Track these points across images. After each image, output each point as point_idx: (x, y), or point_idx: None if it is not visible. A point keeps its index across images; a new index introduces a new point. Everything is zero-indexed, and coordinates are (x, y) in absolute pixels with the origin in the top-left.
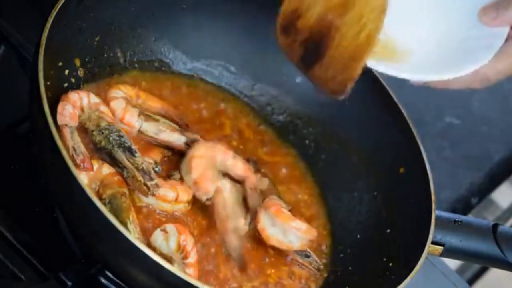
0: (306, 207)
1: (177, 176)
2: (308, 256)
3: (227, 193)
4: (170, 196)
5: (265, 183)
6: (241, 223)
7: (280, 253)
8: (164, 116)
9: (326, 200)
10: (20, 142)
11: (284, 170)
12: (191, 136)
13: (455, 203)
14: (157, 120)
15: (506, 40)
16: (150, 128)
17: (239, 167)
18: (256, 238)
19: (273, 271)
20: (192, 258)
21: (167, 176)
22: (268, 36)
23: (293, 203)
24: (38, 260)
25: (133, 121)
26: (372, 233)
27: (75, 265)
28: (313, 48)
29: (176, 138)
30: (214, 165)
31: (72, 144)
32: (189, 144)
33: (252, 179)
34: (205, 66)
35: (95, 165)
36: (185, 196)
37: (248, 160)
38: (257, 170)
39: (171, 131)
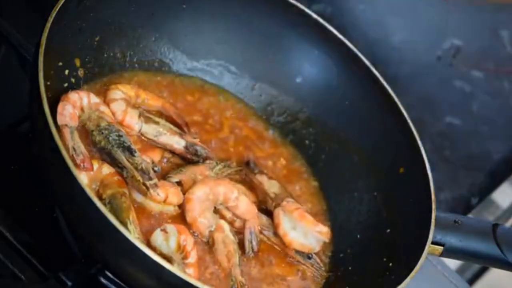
0: (306, 207)
1: (174, 179)
2: (310, 258)
3: (227, 232)
4: (158, 197)
5: (276, 185)
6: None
7: (280, 253)
8: (164, 115)
9: (326, 200)
10: (20, 142)
11: (284, 170)
12: (191, 140)
13: (455, 203)
14: (157, 123)
15: None
16: (150, 131)
17: (241, 208)
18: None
19: (273, 270)
20: (192, 258)
21: (163, 178)
22: (268, 36)
23: None
24: (38, 260)
25: (133, 123)
26: (372, 233)
27: (75, 265)
28: None
29: (176, 142)
30: (212, 206)
31: (72, 144)
32: (189, 149)
33: (254, 222)
34: (205, 66)
35: (95, 165)
36: (175, 199)
37: (248, 161)
38: (260, 172)
39: (171, 134)
